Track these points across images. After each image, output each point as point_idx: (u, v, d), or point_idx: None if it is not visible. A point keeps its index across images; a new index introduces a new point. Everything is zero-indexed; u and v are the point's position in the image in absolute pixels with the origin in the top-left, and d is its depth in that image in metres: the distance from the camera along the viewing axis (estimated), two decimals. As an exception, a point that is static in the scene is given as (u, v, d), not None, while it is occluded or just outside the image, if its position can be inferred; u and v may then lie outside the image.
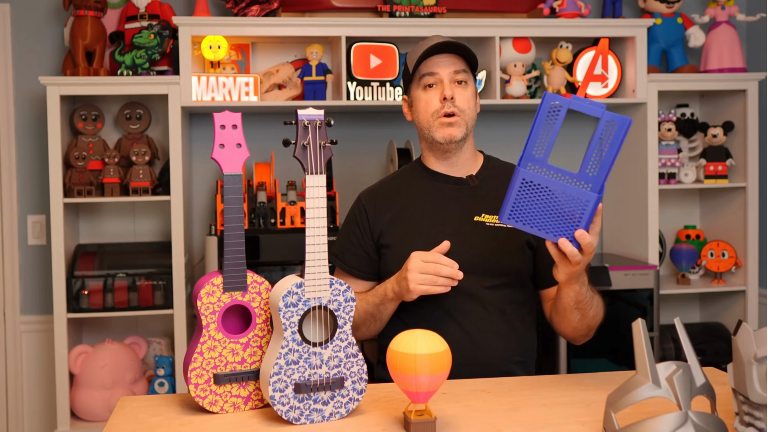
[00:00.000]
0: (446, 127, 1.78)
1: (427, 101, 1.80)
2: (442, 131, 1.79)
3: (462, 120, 1.79)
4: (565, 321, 1.73)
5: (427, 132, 1.81)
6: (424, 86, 1.80)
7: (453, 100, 1.77)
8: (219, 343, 1.44)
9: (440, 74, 1.78)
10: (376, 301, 1.74)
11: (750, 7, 3.40)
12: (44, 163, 2.99)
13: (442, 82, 1.78)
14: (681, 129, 3.27)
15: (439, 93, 1.78)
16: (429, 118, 1.80)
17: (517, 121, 3.34)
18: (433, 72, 1.79)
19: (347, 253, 1.87)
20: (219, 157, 1.44)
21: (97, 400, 2.85)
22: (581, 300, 1.66)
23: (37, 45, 3.11)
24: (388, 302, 1.73)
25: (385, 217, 1.84)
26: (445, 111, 1.77)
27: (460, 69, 1.79)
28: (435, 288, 1.62)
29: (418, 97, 1.82)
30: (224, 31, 2.86)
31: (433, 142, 1.82)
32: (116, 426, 1.40)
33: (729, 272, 3.27)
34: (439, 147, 1.83)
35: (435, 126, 1.79)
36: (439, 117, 1.78)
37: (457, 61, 1.80)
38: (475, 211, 1.81)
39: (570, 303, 1.67)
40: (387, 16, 2.94)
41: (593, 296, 1.70)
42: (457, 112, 1.78)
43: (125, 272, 2.89)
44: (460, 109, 1.78)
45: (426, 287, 1.62)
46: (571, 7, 3.01)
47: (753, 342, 1.15)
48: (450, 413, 1.43)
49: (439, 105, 1.78)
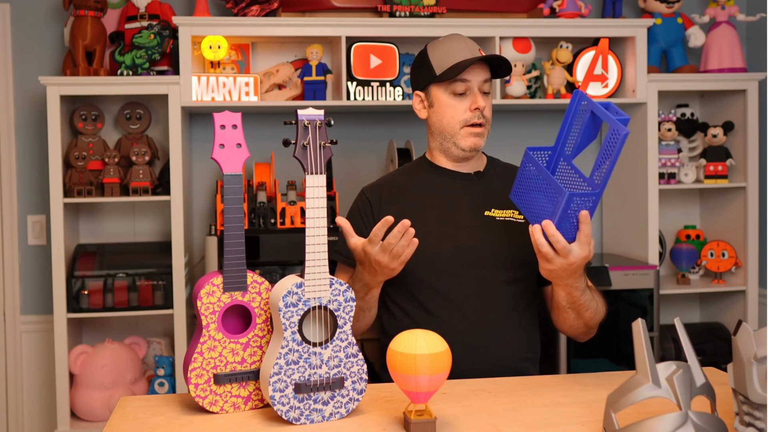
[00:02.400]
0: (474, 137, 1.80)
1: (456, 108, 1.80)
2: (470, 140, 1.80)
3: (486, 130, 1.82)
4: (561, 318, 1.75)
5: (450, 137, 1.82)
6: (452, 92, 1.80)
7: (482, 110, 1.79)
8: (219, 343, 1.44)
9: (472, 83, 1.78)
10: (360, 293, 1.73)
11: (750, 7, 3.40)
12: (44, 163, 2.99)
13: (472, 91, 1.79)
14: (681, 129, 3.27)
15: (469, 102, 1.79)
16: (455, 125, 1.80)
17: (517, 121, 3.34)
18: (466, 80, 1.78)
19: None
20: (219, 157, 1.44)
21: (97, 400, 2.85)
22: (575, 302, 1.67)
23: (37, 45, 3.11)
24: (373, 290, 1.72)
25: (391, 211, 1.82)
26: (475, 121, 1.79)
27: (488, 78, 1.81)
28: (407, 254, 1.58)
29: (445, 102, 1.81)
30: (224, 31, 2.86)
31: (453, 148, 1.83)
32: (116, 426, 1.40)
33: (729, 272, 3.26)
34: (457, 153, 1.83)
35: (461, 134, 1.80)
36: (466, 126, 1.79)
37: (486, 71, 1.81)
38: (484, 205, 1.82)
39: (562, 303, 1.69)
40: (387, 16, 2.94)
41: (592, 299, 1.70)
42: (484, 122, 1.80)
43: (125, 272, 2.89)
44: (487, 119, 1.81)
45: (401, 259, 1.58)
46: (571, 7, 3.01)
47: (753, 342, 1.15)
48: (450, 413, 1.43)
49: (469, 114, 1.78)
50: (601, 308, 1.75)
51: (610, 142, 1.47)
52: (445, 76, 1.78)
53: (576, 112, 1.58)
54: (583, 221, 1.50)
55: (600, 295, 1.78)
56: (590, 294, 1.69)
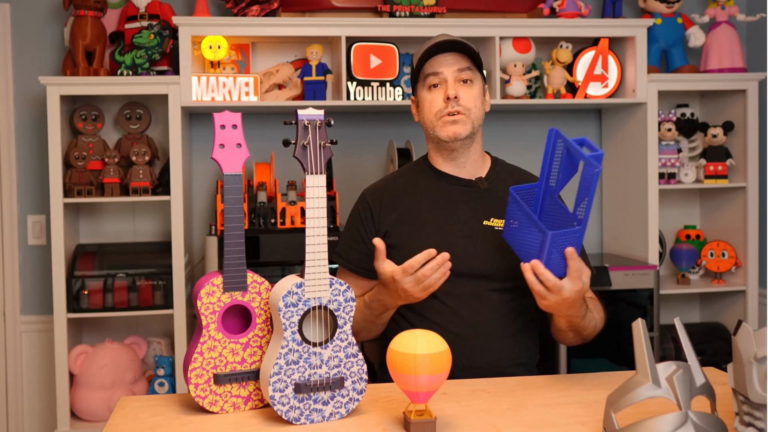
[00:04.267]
0: (450, 125, 1.77)
1: (432, 101, 1.79)
2: (446, 129, 1.77)
3: (467, 118, 1.78)
4: (559, 336, 1.76)
5: (432, 132, 1.81)
6: (428, 86, 1.80)
7: (457, 99, 1.76)
8: (219, 343, 1.44)
9: (444, 73, 1.78)
10: (376, 311, 1.73)
11: (750, 7, 3.40)
12: (44, 163, 2.99)
13: (446, 82, 1.77)
14: (681, 129, 3.27)
15: (443, 93, 1.78)
16: (433, 118, 1.79)
17: (517, 121, 3.34)
18: (437, 72, 1.78)
19: (351, 251, 1.85)
20: (219, 157, 1.44)
21: (97, 400, 2.84)
22: (573, 325, 1.67)
23: (37, 45, 3.11)
24: (389, 311, 1.73)
25: (391, 216, 1.82)
26: (449, 111, 1.76)
27: (464, 67, 1.78)
28: (437, 286, 1.60)
29: (423, 98, 1.81)
30: (224, 31, 2.86)
31: (439, 142, 1.81)
32: (116, 426, 1.40)
33: (729, 272, 3.26)
34: (445, 146, 1.82)
35: (439, 125, 1.78)
36: (442, 116, 1.78)
37: (462, 60, 1.79)
38: (484, 214, 1.80)
39: (562, 327, 1.69)
40: (387, 16, 2.94)
41: (591, 318, 1.69)
42: (461, 111, 1.77)
43: (125, 272, 2.89)
44: (466, 107, 1.77)
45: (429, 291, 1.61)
46: (571, 7, 3.01)
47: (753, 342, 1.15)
48: (450, 413, 1.43)
49: (443, 105, 1.77)
50: (600, 321, 1.75)
51: (586, 180, 1.49)
52: (415, 71, 1.80)
53: (554, 149, 1.59)
54: (570, 257, 1.50)
55: (600, 305, 1.79)
56: (590, 315, 1.69)
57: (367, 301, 1.75)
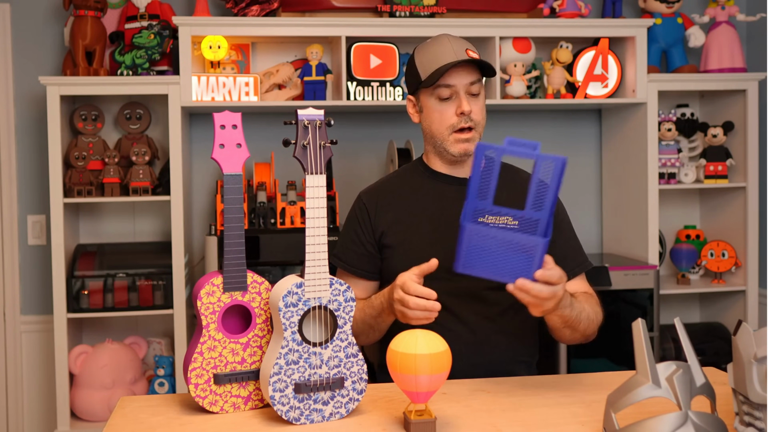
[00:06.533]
0: (462, 143, 1.77)
1: (443, 113, 1.77)
2: (458, 146, 1.77)
3: (477, 133, 1.78)
4: (557, 334, 1.75)
5: (441, 144, 1.79)
6: (438, 97, 1.77)
7: (470, 113, 1.75)
8: (219, 343, 1.44)
9: (456, 87, 1.75)
10: (374, 313, 1.72)
11: (750, 7, 3.40)
12: (44, 163, 2.99)
13: (458, 95, 1.76)
14: (681, 129, 3.27)
15: (455, 106, 1.76)
16: (444, 131, 1.78)
17: (517, 121, 3.34)
18: (450, 84, 1.75)
19: (349, 252, 1.85)
20: (219, 157, 1.44)
21: (97, 400, 2.84)
22: (567, 321, 1.66)
23: (37, 45, 3.10)
24: (386, 315, 1.72)
25: (387, 217, 1.83)
26: (462, 126, 1.76)
27: (475, 80, 1.77)
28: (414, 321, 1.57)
29: (432, 107, 1.79)
30: (224, 31, 2.86)
31: (445, 153, 1.80)
32: (116, 426, 1.40)
33: (729, 272, 3.26)
34: (450, 157, 1.81)
35: (450, 140, 1.77)
36: (454, 132, 1.76)
37: (473, 72, 1.77)
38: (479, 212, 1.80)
39: (557, 325, 1.68)
40: (387, 16, 2.94)
41: (582, 310, 1.68)
42: (473, 125, 1.76)
43: (125, 272, 2.89)
44: (476, 121, 1.77)
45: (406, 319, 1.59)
46: (571, 7, 3.01)
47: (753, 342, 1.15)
48: (450, 413, 1.43)
49: (456, 119, 1.76)
50: (594, 314, 1.73)
51: (543, 174, 1.47)
52: (428, 82, 1.76)
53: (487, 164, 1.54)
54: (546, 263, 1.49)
55: (593, 299, 1.78)
56: (579, 305, 1.68)
57: (372, 299, 1.75)
